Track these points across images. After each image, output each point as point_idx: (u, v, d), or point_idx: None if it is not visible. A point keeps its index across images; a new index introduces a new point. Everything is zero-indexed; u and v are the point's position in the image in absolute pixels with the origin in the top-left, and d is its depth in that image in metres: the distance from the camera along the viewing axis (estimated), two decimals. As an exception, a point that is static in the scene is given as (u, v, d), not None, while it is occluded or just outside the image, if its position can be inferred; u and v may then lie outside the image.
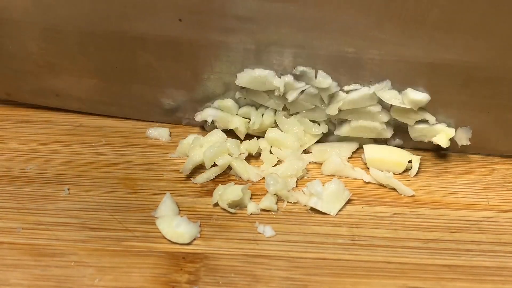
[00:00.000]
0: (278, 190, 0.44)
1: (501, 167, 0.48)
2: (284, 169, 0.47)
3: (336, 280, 0.39)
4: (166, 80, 0.50)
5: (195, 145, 0.48)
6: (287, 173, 0.46)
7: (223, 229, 0.42)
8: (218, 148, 0.46)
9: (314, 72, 0.46)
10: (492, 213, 0.44)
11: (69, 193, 0.45)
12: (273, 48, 0.46)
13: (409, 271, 0.39)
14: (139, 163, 0.48)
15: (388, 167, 0.47)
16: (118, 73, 0.50)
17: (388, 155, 0.47)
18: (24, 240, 0.41)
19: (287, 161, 0.47)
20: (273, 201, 0.44)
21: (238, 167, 0.47)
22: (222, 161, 0.46)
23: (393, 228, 0.42)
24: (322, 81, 0.46)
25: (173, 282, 0.38)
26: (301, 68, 0.46)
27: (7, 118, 0.54)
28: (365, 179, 0.46)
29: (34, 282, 0.38)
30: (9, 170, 0.48)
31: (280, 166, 0.47)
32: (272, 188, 0.44)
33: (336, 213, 0.43)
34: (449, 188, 0.46)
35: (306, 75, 0.47)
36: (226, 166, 0.47)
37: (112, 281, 0.39)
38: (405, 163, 0.47)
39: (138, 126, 0.53)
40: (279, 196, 0.45)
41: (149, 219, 0.43)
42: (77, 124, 0.53)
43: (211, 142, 0.48)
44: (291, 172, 0.46)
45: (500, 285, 0.38)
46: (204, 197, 0.45)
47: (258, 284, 0.38)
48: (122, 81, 0.51)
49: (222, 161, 0.46)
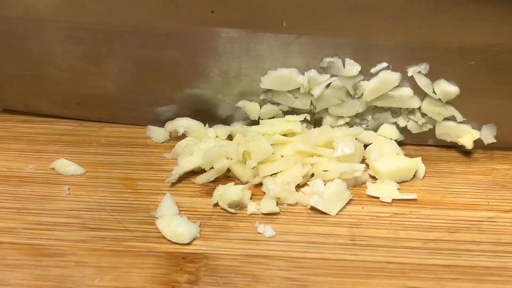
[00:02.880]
0: (277, 194, 0.44)
1: (501, 167, 0.48)
2: (284, 177, 0.45)
3: (336, 280, 0.39)
4: (193, 79, 0.49)
5: (185, 153, 0.47)
6: (286, 180, 0.45)
7: (223, 229, 0.42)
8: (217, 151, 0.46)
9: (342, 62, 0.47)
10: (492, 213, 0.44)
11: (69, 193, 0.45)
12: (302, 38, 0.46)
13: (409, 271, 0.39)
14: (139, 163, 0.48)
15: (398, 176, 0.46)
16: (144, 74, 0.49)
17: (396, 164, 0.47)
18: (24, 240, 0.41)
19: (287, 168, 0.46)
20: (274, 204, 0.44)
21: (237, 170, 0.46)
22: (220, 165, 0.46)
23: (393, 228, 0.42)
24: (350, 69, 0.47)
25: (173, 282, 0.38)
26: (328, 59, 0.47)
27: (7, 118, 0.54)
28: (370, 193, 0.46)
29: (34, 282, 0.38)
30: (9, 170, 0.48)
31: (280, 173, 0.46)
32: (272, 193, 0.44)
33: (336, 213, 0.43)
34: (449, 188, 0.46)
35: (334, 65, 0.47)
36: (224, 170, 0.47)
37: (112, 281, 0.38)
38: (415, 168, 0.47)
39: (138, 126, 0.53)
40: (279, 198, 0.44)
41: (149, 219, 0.43)
42: (77, 124, 0.53)
43: (203, 151, 0.47)
44: (289, 179, 0.45)
45: (500, 285, 0.38)
46: (204, 197, 0.45)
47: (258, 284, 0.38)
48: (147, 82, 0.50)
49: (220, 165, 0.46)
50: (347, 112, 0.49)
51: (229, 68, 0.48)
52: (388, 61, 0.47)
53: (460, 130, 0.49)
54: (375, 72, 0.47)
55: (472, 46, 0.45)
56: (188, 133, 0.50)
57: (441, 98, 0.47)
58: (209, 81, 0.49)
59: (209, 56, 0.48)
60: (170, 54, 0.48)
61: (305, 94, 0.48)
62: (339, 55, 0.47)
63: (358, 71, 0.47)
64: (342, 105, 0.49)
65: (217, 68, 0.48)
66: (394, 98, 0.48)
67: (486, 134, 0.48)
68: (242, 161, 0.46)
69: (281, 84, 0.48)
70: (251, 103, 0.50)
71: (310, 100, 0.49)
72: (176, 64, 0.49)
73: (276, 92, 0.49)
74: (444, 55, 0.45)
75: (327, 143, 0.46)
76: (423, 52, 0.46)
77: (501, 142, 0.48)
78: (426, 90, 0.47)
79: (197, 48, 0.48)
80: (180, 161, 0.47)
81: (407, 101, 0.48)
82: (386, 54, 0.46)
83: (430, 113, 0.48)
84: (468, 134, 0.48)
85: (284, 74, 0.48)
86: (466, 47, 0.45)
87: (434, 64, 0.46)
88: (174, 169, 0.46)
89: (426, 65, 0.46)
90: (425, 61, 0.46)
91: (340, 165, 0.45)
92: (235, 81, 0.49)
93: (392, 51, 0.46)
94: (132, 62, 0.49)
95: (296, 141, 0.47)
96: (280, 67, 0.48)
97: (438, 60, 0.46)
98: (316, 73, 0.47)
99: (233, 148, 0.46)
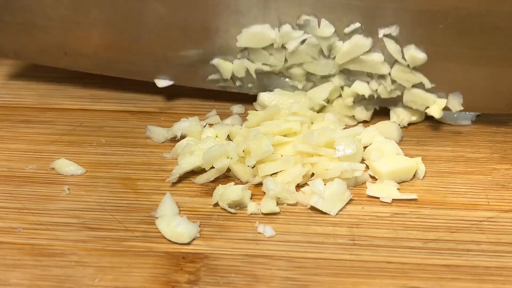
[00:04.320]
0: (277, 194, 0.44)
1: (501, 167, 0.48)
2: (284, 176, 0.45)
3: (336, 280, 0.39)
4: (176, 33, 0.50)
5: (185, 153, 0.47)
6: (286, 180, 0.45)
7: (223, 229, 0.42)
8: (217, 151, 0.46)
9: (317, 21, 0.48)
10: (492, 213, 0.44)
11: (69, 193, 0.45)
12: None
13: (409, 271, 0.39)
14: (139, 163, 0.48)
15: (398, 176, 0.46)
16: (129, 25, 0.51)
17: (396, 165, 0.46)
18: (24, 240, 0.41)
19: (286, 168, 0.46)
20: (274, 204, 0.44)
21: (237, 170, 0.46)
22: (220, 164, 0.46)
23: (393, 228, 0.42)
24: (325, 29, 0.48)
25: (173, 282, 0.38)
26: (305, 17, 0.48)
27: (7, 118, 0.54)
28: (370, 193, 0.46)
29: (34, 282, 0.38)
30: (9, 170, 0.48)
31: (280, 173, 0.46)
32: (272, 193, 0.44)
33: (336, 213, 0.43)
34: (449, 188, 0.46)
35: (309, 24, 0.48)
36: (224, 169, 0.46)
37: (112, 281, 0.39)
38: (415, 168, 0.47)
39: (138, 126, 0.53)
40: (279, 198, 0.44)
41: (149, 219, 0.43)
42: (77, 124, 0.53)
43: (203, 150, 0.47)
44: (289, 179, 0.45)
45: (500, 285, 0.38)
46: (204, 197, 0.45)
47: (258, 284, 0.38)
48: (132, 35, 0.51)
49: (220, 164, 0.46)
50: (320, 71, 0.51)
51: (209, 24, 0.50)
52: (361, 22, 0.48)
53: (427, 99, 0.50)
54: (348, 32, 0.48)
55: (440, 9, 0.45)
56: (188, 133, 0.50)
57: (410, 64, 0.48)
58: (189, 36, 0.51)
59: (191, 11, 0.49)
60: (153, 7, 0.49)
61: (279, 49, 0.49)
62: (316, 14, 0.48)
63: (332, 33, 0.48)
64: (316, 63, 0.50)
65: (198, 23, 0.50)
66: (366, 63, 0.49)
67: (453, 102, 0.49)
68: (242, 160, 0.46)
69: (256, 41, 0.49)
70: (225, 62, 0.51)
71: (284, 56, 0.50)
72: (159, 18, 0.50)
73: (252, 50, 0.50)
74: (414, 18, 0.46)
75: (327, 144, 0.46)
76: (394, 14, 0.47)
77: (469, 108, 0.50)
78: (395, 55, 0.48)
79: (180, 2, 0.49)
80: (180, 161, 0.47)
81: (378, 67, 0.49)
82: (360, 15, 0.48)
83: (399, 80, 0.49)
84: (435, 104, 0.49)
85: (257, 30, 0.49)
86: (435, 10, 0.45)
87: (404, 27, 0.47)
88: (174, 169, 0.46)
89: (396, 27, 0.47)
90: (395, 23, 0.47)
91: (340, 164, 0.45)
92: (216, 37, 0.50)
93: (365, 12, 0.47)
94: (117, 13, 0.50)
95: (296, 141, 0.47)
96: (256, 24, 0.49)
97: (408, 23, 0.47)
98: (291, 28, 0.49)
99: (233, 147, 0.46)
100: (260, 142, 0.45)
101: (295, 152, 0.46)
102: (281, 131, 0.48)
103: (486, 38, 0.46)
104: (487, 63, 0.47)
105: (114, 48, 0.52)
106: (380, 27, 0.48)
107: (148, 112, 0.55)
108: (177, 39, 0.51)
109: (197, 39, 0.51)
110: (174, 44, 0.51)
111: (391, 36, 0.48)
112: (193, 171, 0.47)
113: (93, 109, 0.55)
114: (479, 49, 0.47)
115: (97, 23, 0.51)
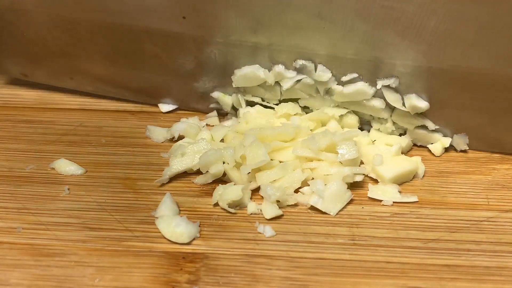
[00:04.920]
0: (278, 198, 0.44)
1: (501, 167, 0.48)
2: (282, 182, 0.45)
3: (336, 280, 0.39)
4: (172, 70, 0.51)
5: (177, 154, 0.47)
6: (284, 185, 0.44)
7: (223, 229, 0.42)
8: (213, 155, 0.45)
9: (314, 66, 0.48)
10: (492, 213, 0.44)
11: (69, 193, 0.45)
12: (274, 46, 0.47)
13: (409, 271, 0.39)
14: (139, 163, 0.48)
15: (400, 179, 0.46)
16: (128, 61, 0.52)
17: (399, 169, 0.46)
18: (24, 240, 0.41)
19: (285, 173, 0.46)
20: (276, 208, 0.43)
21: (234, 176, 0.45)
22: (216, 169, 0.45)
23: (393, 228, 0.42)
24: (321, 74, 0.48)
25: (173, 282, 0.38)
26: (301, 62, 0.48)
27: (7, 118, 0.54)
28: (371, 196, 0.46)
29: (34, 282, 0.38)
30: (9, 170, 0.48)
31: (279, 179, 0.45)
32: (272, 198, 0.43)
33: (336, 213, 0.43)
34: (449, 188, 0.46)
35: (306, 68, 0.48)
36: (220, 174, 0.46)
37: (112, 281, 0.39)
38: (415, 169, 0.47)
39: (138, 126, 0.53)
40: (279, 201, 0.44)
41: (149, 219, 0.43)
42: (77, 124, 0.53)
43: (194, 152, 0.46)
44: (287, 184, 0.45)
45: (500, 285, 0.38)
46: (204, 197, 0.45)
47: (258, 284, 0.38)
48: (131, 67, 0.53)
49: (215, 169, 0.45)
50: (317, 106, 0.50)
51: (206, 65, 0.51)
52: (358, 73, 0.47)
53: (431, 137, 0.49)
54: (346, 80, 0.48)
55: (442, 66, 0.45)
56: (185, 134, 0.50)
57: (411, 112, 0.47)
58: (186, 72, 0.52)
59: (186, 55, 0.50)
60: (149, 48, 0.50)
61: (273, 86, 0.49)
62: (312, 60, 0.48)
63: (329, 78, 0.48)
64: (313, 99, 0.50)
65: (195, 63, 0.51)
66: (366, 107, 0.48)
67: (458, 142, 0.49)
68: (239, 166, 0.45)
69: (249, 81, 0.50)
70: (224, 96, 0.52)
71: (279, 91, 0.50)
72: (156, 57, 0.51)
73: (248, 88, 0.51)
74: (414, 73, 0.46)
75: (328, 147, 0.46)
76: (393, 68, 0.46)
77: (475, 148, 0.49)
78: (395, 104, 0.47)
79: (173, 46, 0.50)
80: (171, 161, 0.47)
81: (378, 112, 0.48)
82: (358, 67, 0.47)
83: (401, 123, 0.49)
84: (439, 142, 0.49)
85: (248, 71, 0.49)
86: (436, 67, 0.45)
87: (404, 80, 0.46)
88: (165, 170, 0.46)
89: (395, 79, 0.47)
90: (395, 76, 0.46)
91: (342, 169, 0.45)
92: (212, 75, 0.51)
93: (363, 64, 0.47)
94: (115, 51, 0.52)
95: (296, 146, 0.46)
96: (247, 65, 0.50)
97: (408, 76, 0.46)
98: (283, 69, 0.48)
99: (230, 153, 0.46)
100: (257, 150, 0.44)
101: (294, 157, 0.46)
102: (277, 134, 0.47)
103: (493, 92, 0.45)
104: (495, 113, 0.46)
105: (117, 76, 0.53)
106: (379, 78, 0.47)
107: (148, 112, 0.55)
108: (176, 74, 0.52)
109: (193, 77, 0.52)
110: (174, 78, 0.52)
111: (390, 87, 0.47)
112: (194, 171, 0.47)
113: (93, 109, 0.55)
114: (486, 101, 0.46)
115: (96, 57, 0.52)
